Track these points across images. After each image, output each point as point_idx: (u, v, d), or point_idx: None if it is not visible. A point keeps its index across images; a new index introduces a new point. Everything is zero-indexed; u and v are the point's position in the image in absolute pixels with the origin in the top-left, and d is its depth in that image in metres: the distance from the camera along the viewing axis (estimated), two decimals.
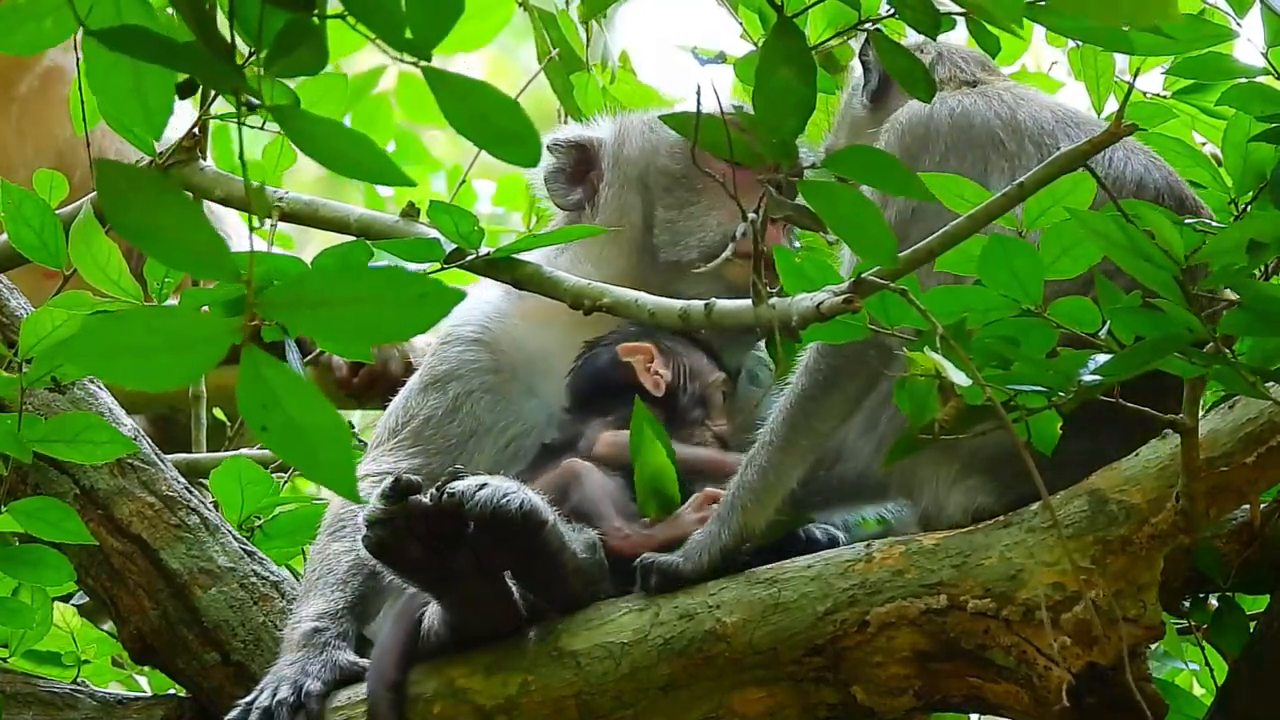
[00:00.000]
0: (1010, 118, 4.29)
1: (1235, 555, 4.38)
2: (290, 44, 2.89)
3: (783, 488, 4.20)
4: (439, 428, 4.70)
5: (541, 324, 4.76)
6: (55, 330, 4.26)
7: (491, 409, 4.71)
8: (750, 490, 4.19)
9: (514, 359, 4.75)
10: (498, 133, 2.94)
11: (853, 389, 4.16)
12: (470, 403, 4.71)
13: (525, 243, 4.44)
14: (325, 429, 2.79)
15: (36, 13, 3.03)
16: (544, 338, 4.76)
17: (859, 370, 4.12)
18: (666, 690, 4.17)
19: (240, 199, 4.92)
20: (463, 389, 4.72)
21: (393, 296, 2.76)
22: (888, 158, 3.59)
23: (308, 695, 4.28)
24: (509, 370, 4.75)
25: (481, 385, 4.72)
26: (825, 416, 4.18)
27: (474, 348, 4.76)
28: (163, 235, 2.77)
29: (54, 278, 4.80)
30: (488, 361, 4.75)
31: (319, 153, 2.90)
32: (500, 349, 4.76)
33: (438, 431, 4.70)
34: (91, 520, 4.67)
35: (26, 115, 6.45)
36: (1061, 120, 4.30)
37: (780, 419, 4.19)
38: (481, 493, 4.11)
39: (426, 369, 4.79)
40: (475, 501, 4.10)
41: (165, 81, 3.03)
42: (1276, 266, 4.27)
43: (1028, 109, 4.33)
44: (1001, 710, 4.13)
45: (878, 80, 4.56)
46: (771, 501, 4.20)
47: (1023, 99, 4.36)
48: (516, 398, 4.72)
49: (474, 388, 4.72)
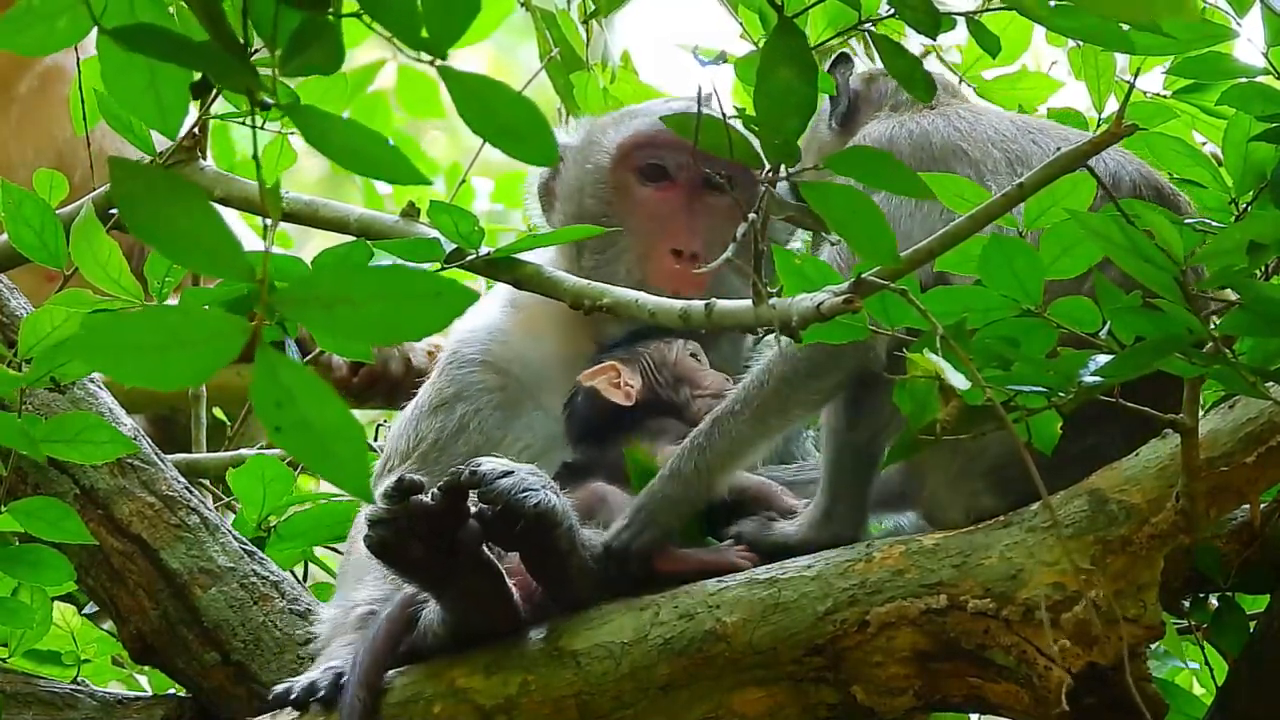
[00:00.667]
0: (970, 130, 4.33)
1: (1235, 555, 4.38)
2: (305, 43, 2.88)
3: (744, 462, 4.23)
4: (447, 448, 4.69)
5: (541, 337, 4.76)
6: (55, 330, 4.26)
7: (500, 425, 4.70)
8: (718, 455, 4.20)
9: (519, 375, 4.75)
10: (511, 130, 2.93)
11: (830, 381, 4.17)
12: (478, 420, 4.70)
13: (525, 243, 4.44)
14: (339, 428, 2.78)
15: (49, 12, 3.02)
16: (545, 350, 4.76)
17: (839, 364, 4.13)
18: (666, 690, 4.17)
19: (240, 198, 4.92)
20: (470, 408, 4.72)
21: (407, 295, 2.75)
22: (888, 157, 3.59)
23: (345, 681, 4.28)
24: (515, 387, 4.74)
25: (489, 403, 4.72)
26: (803, 404, 4.19)
27: (478, 369, 4.75)
28: (176, 234, 2.77)
29: (54, 278, 4.80)
30: (493, 380, 4.74)
31: (334, 151, 2.90)
32: (504, 368, 4.76)
33: (446, 452, 4.69)
34: (91, 520, 4.67)
35: (26, 115, 6.46)
36: (1023, 128, 4.35)
37: (760, 394, 4.19)
38: (502, 481, 4.11)
39: (434, 391, 4.78)
40: (493, 488, 4.11)
41: (180, 80, 3.03)
42: (1276, 267, 4.27)
43: (988, 120, 4.39)
44: (1001, 710, 4.13)
45: (846, 104, 4.60)
46: (732, 471, 4.22)
47: (982, 114, 4.43)
48: (524, 413, 4.72)
49: (481, 405, 4.72)
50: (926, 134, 4.34)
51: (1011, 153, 4.24)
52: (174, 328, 2.71)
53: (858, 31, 4.53)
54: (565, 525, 4.15)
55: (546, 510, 4.12)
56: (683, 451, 4.22)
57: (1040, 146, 4.25)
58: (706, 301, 3.93)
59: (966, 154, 4.27)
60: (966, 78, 5.34)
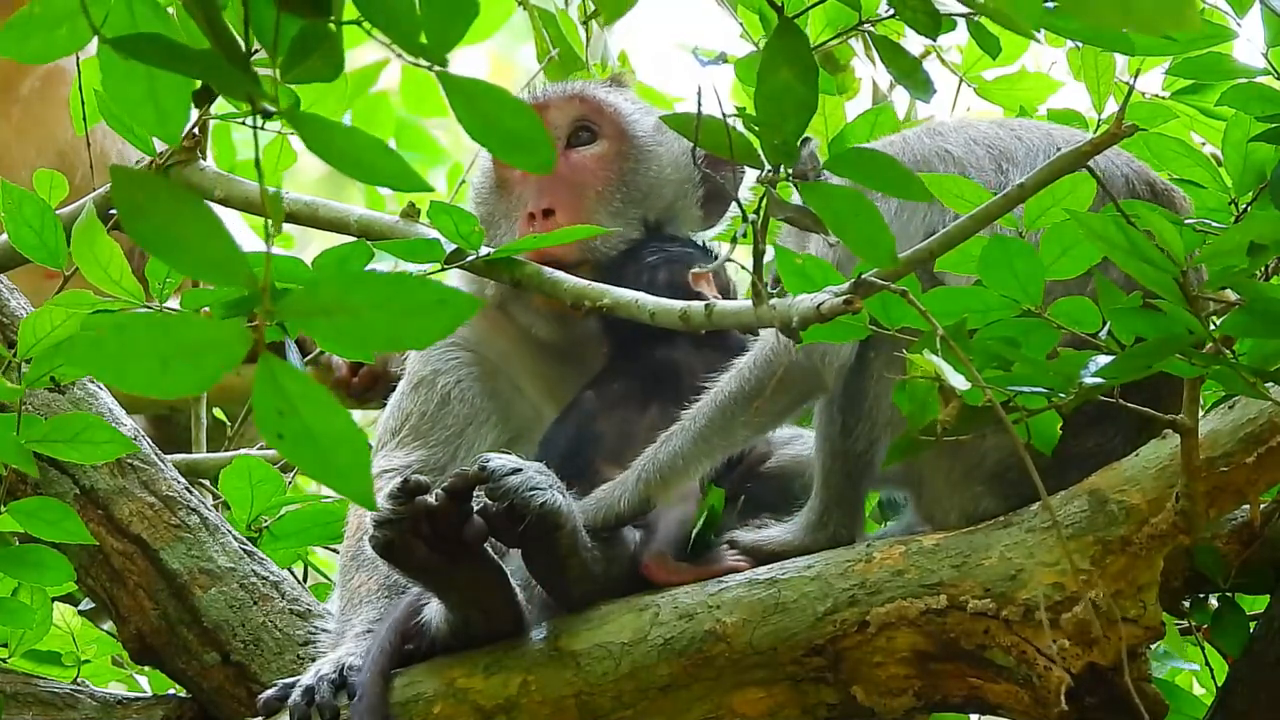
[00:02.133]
0: (950, 132, 4.35)
1: (1235, 555, 4.38)
2: (306, 50, 2.88)
3: (688, 476, 4.24)
4: (435, 419, 4.72)
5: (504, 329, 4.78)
6: (55, 330, 4.26)
7: (482, 395, 4.73)
8: (659, 468, 4.22)
9: (491, 355, 4.77)
10: (510, 137, 2.93)
11: (777, 406, 4.18)
12: (459, 390, 4.73)
13: (526, 243, 4.44)
14: (341, 435, 2.78)
15: (51, 20, 3.03)
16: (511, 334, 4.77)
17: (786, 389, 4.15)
18: (666, 690, 4.17)
19: (239, 198, 4.92)
20: (450, 379, 4.75)
21: (410, 303, 2.75)
22: (887, 158, 3.59)
23: (350, 670, 4.29)
24: (490, 365, 4.76)
25: (468, 375, 4.75)
26: (748, 425, 4.21)
27: (452, 349, 4.78)
28: (177, 241, 2.76)
29: (54, 278, 4.80)
30: (467, 356, 4.77)
31: (334, 157, 2.90)
32: (474, 348, 4.77)
33: (435, 424, 4.71)
34: (91, 520, 4.67)
35: (28, 116, 6.46)
36: (1004, 125, 4.38)
37: (707, 411, 4.20)
38: (511, 478, 4.13)
39: (412, 372, 4.81)
40: (501, 484, 4.12)
41: (180, 87, 3.03)
42: (1276, 267, 4.27)
43: (968, 123, 4.41)
44: (1001, 710, 4.13)
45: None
46: (675, 484, 4.24)
47: (962, 123, 4.44)
48: (505, 394, 4.73)
49: (461, 376, 4.74)
50: (906, 142, 4.34)
51: (996, 149, 4.24)
52: (175, 336, 2.71)
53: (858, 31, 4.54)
54: (569, 526, 4.15)
55: (552, 510, 4.12)
56: (636, 467, 4.25)
57: (1024, 142, 4.25)
58: (707, 302, 3.93)
59: (949, 154, 4.26)
60: (966, 78, 5.34)
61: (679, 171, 4.78)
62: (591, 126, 4.74)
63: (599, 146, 4.76)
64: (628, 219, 4.71)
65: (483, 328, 4.78)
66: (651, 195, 4.75)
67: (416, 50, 2.89)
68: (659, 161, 4.78)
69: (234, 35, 2.90)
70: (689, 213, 4.80)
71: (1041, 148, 4.21)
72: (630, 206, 4.72)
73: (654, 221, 4.74)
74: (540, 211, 4.63)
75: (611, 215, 4.68)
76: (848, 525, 4.22)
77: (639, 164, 4.76)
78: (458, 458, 4.66)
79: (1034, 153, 4.20)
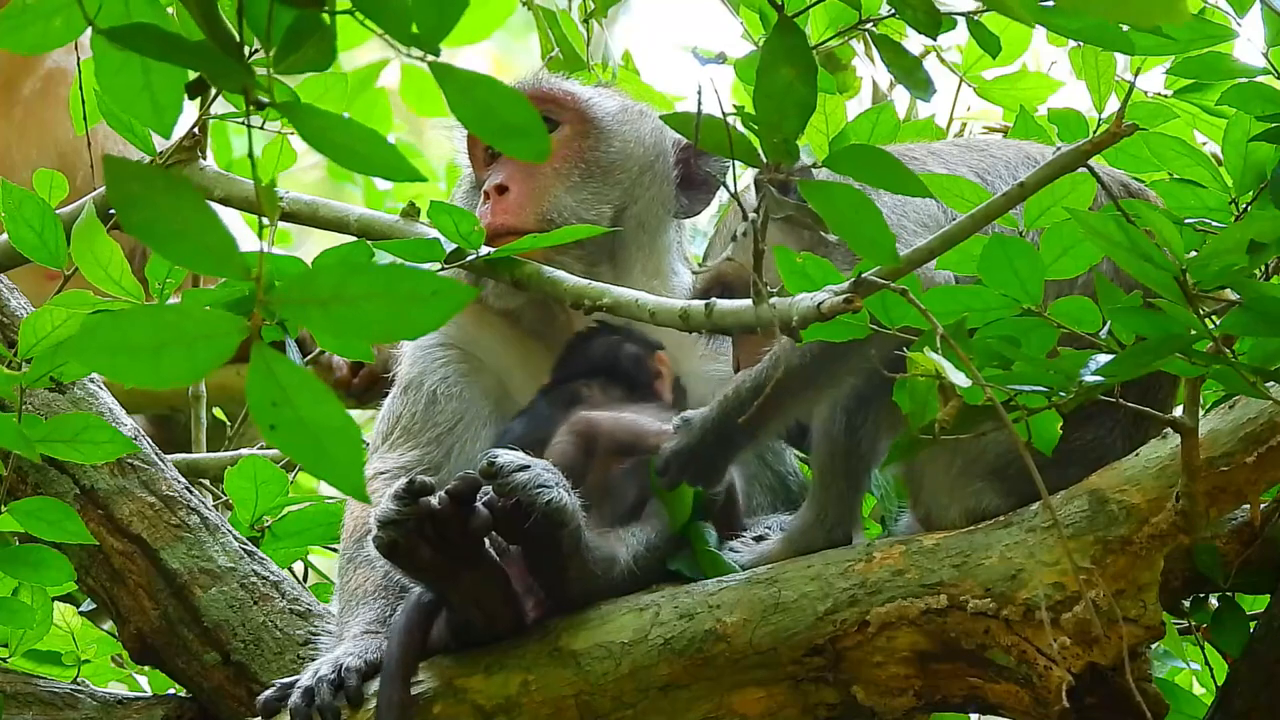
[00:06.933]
0: (932, 150, 4.33)
1: (1235, 555, 4.38)
2: (299, 40, 2.89)
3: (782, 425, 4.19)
4: (425, 419, 4.74)
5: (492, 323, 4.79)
6: (55, 330, 4.26)
7: (469, 391, 4.74)
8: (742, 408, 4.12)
9: (476, 351, 4.78)
10: (504, 126, 2.94)
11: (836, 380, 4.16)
12: (446, 388, 4.75)
13: (526, 243, 4.45)
14: (335, 427, 2.78)
15: (45, 11, 3.03)
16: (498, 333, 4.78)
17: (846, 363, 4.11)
18: (666, 690, 4.17)
19: (240, 198, 4.92)
20: (436, 378, 4.77)
21: (404, 293, 2.76)
22: (887, 156, 3.59)
23: (348, 671, 4.29)
24: (477, 363, 4.78)
25: (454, 373, 4.77)
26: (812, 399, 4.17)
27: (438, 350, 4.80)
28: (173, 234, 2.77)
29: (55, 278, 4.80)
30: (453, 355, 4.79)
31: (329, 149, 2.90)
32: (461, 348, 4.79)
33: (425, 424, 4.73)
34: (91, 520, 4.68)
35: (29, 116, 6.46)
36: (974, 145, 4.37)
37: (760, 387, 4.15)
38: (519, 475, 4.14)
39: (400, 377, 4.83)
40: (509, 480, 4.13)
41: (175, 79, 3.03)
42: (1276, 267, 4.27)
43: (942, 143, 4.41)
44: (1001, 710, 4.13)
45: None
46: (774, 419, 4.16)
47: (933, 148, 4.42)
48: (493, 393, 4.74)
49: (447, 375, 4.76)
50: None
51: (976, 169, 4.25)
52: (169, 326, 2.71)
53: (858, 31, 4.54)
54: (573, 525, 4.16)
55: (558, 508, 4.13)
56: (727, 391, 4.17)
57: (997, 158, 4.27)
58: (707, 301, 3.93)
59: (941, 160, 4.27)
60: (967, 77, 5.34)
61: (647, 152, 4.81)
62: (551, 117, 4.78)
63: (560, 132, 4.79)
64: (587, 194, 4.74)
65: (466, 325, 4.79)
66: (614, 171, 4.79)
67: (408, 40, 2.89)
68: (621, 138, 4.82)
69: (228, 26, 2.91)
70: (663, 196, 4.82)
71: (1017, 160, 4.24)
72: (589, 181, 4.76)
73: (619, 201, 4.76)
74: (494, 189, 4.68)
75: (569, 190, 4.73)
76: (845, 525, 4.21)
77: (599, 141, 4.81)
78: (451, 455, 4.67)
79: (1012, 165, 4.23)
